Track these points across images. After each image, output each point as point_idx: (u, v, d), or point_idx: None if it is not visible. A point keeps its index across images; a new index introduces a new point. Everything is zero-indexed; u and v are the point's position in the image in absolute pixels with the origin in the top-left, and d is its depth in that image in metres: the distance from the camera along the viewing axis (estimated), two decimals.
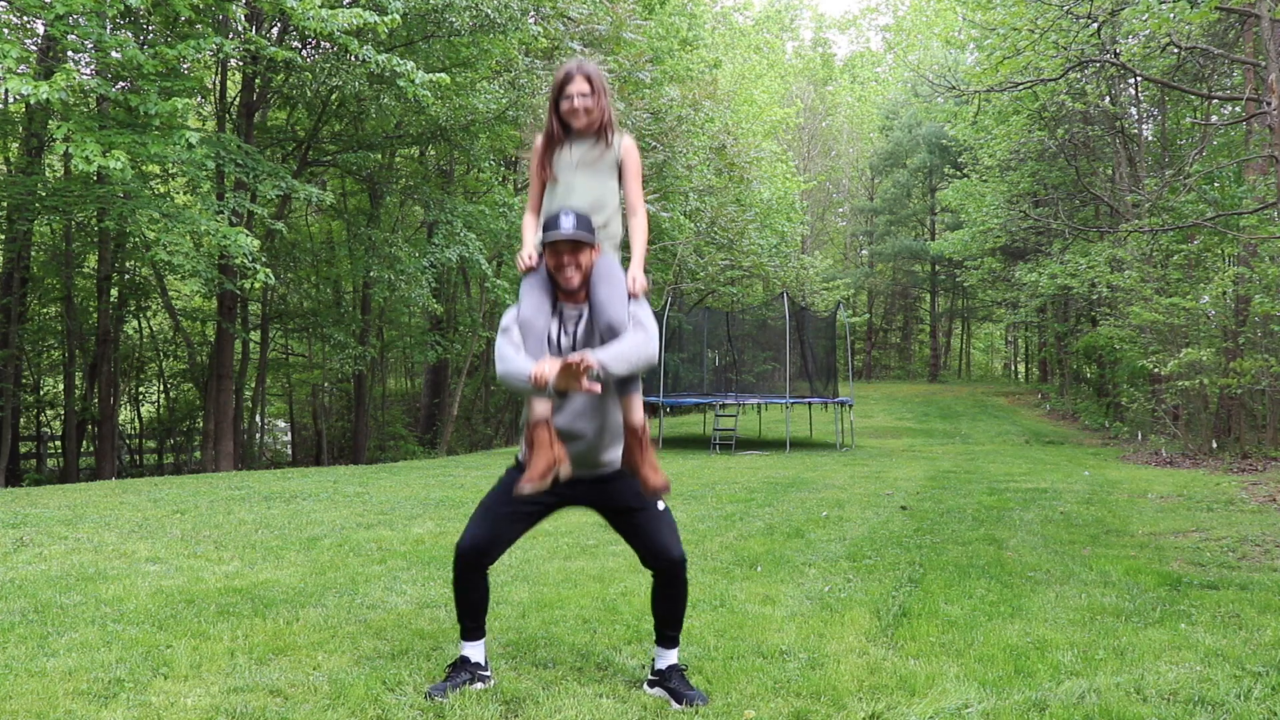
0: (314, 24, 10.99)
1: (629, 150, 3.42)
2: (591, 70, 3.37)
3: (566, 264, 3.20)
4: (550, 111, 3.42)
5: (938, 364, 41.61)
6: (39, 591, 4.68)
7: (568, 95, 3.35)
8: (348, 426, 23.12)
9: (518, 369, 3.07)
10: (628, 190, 3.43)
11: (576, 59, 3.48)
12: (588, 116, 3.35)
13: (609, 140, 3.39)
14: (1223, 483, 10.55)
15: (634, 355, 3.09)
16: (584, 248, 3.21)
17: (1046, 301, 26.14)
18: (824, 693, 3.33)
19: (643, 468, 3.24)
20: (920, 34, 46.03)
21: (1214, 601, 4.73)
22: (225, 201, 13.13)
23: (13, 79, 9.37)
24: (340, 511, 7.70)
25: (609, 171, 3.40)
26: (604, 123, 3.37)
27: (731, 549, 6.14)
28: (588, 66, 3.38)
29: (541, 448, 3.17)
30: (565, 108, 3.36)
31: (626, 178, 3.42)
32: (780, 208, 27.92)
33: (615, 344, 3.10)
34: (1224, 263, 16.33)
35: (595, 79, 3.36)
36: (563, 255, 3.20)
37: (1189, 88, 13.80)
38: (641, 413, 3.28)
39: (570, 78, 3.35)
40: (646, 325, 3.19)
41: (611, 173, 3.41)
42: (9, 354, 16.21)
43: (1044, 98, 16.99)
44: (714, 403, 18.37)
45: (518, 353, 3.14)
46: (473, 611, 3.39)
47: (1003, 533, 6.91)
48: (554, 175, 3.42)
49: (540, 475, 3.14)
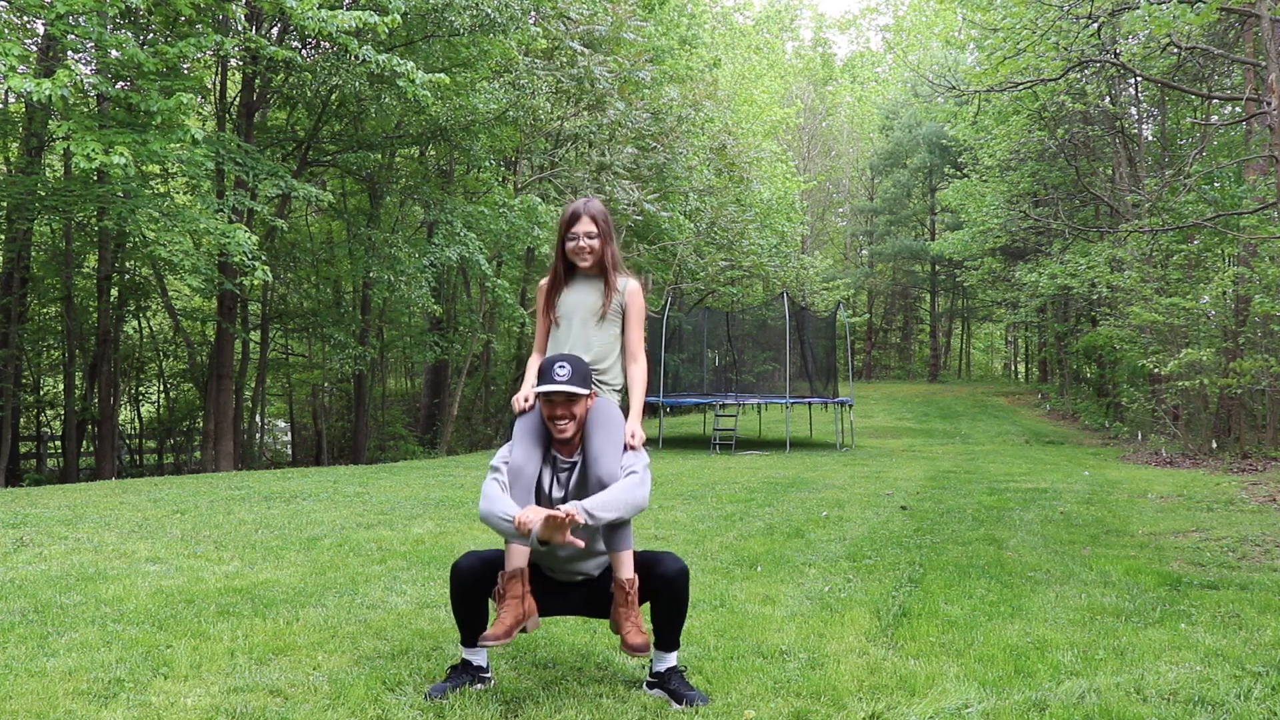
0: (313, 24, 10.99)
1: (634, 295, 3.42)
2: (597, 211, 3.40)
3: (560, 415, 3.21)
4: (557, 251, 3.45)
5: (938, 364, 41.61)
6: (39, 591, 4.68)
7: (573, 235, 3.38)
8: (348, 426, 23.12)
9: (502, 510, 3.05)
10: (628, 335, 3.44)
11: (583, 199, 3.50)
12: (593, 257, 3.38)
13: (614, 284, 3.40)
14: (1223, 483, 10.55)
15: (622, 502, 3.07)
16: (579, 399, 3.21)
17: (1046, 301, 26.15)
18: (824, 693, 3.33)
19: (624, 625, 3.21)
20: (920, 34, 46.05)
21: (1214, 601, 4.73)
22: (225, 200, 13.13)
23: (14, 77, 9.37)
24: (340, 511, 7.70)
25: (613, 319, 3.42)
26: (609, 265, 3.40)
27: (731, 549, 6.14)
28: (594, 207, 3.41)
29: (512, 601, 3.18)
30: (571, 247, 3.39)
31: (629, 322, 3.43)
32: (780, 208, 27.92)
33: (604, 492, 3.09)
34: (1224, 263, 16.34)
35: (600, 220, 3.39)
36: (557, 408, 3.20)
37: (1189, 88, 13.80)
38: (631, 570, 3.24)
39: (577, 217, 3.38)
40: (639, 472, 3.18)
41: (615, 320, 3.42)
42: (9, 354, 16.21)
43: (1044, 98, 16.98)
44: (714, 403, 18.37)
45: (504, 493, 3.13)
46: (473, 620, 3.39)
47: (1003, 533, 6.91)
48: (557, 319, 3.44)
49: (506, 631, 3.14)
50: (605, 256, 3.40)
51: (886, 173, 41.06)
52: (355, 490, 9.24)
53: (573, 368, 3.19)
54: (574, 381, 3.17)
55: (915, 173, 38.77)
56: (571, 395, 3.19)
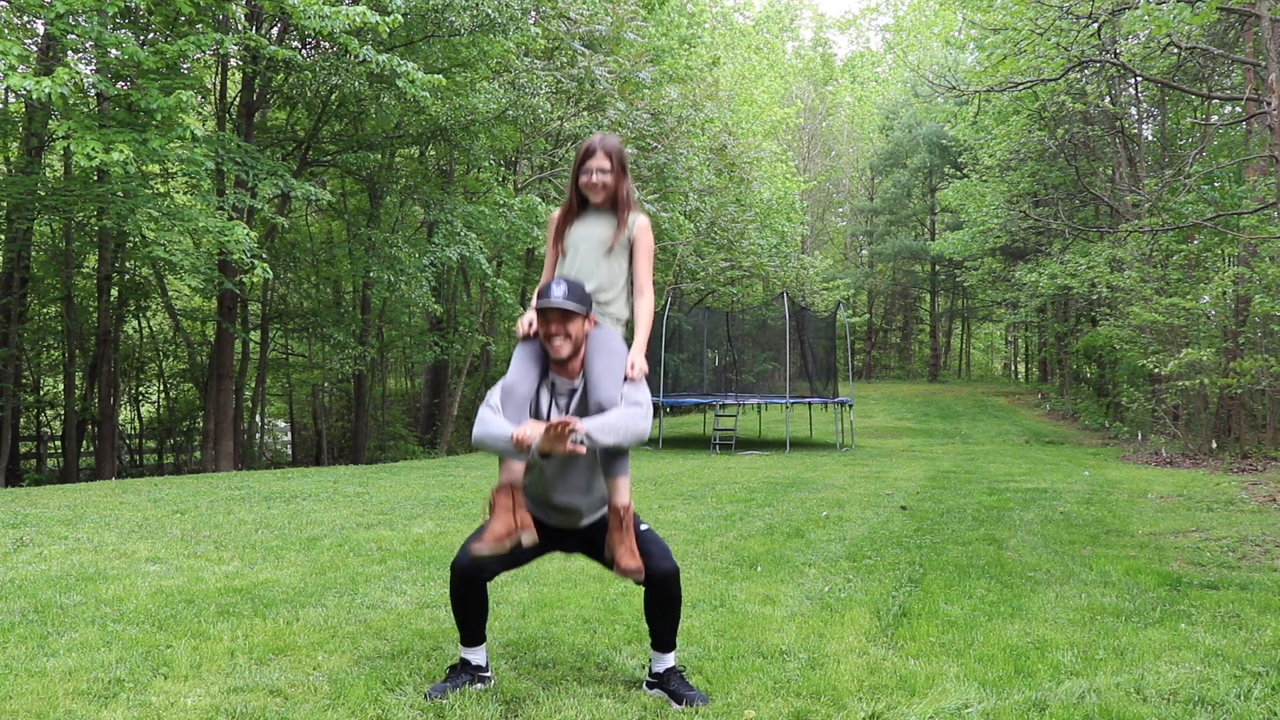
0: (314, 23, 10.99)
1: (643, 230, 3.42)
2: (613, 147, 3.40)
3: (555, 333, 3.19)
4: (571, 184, 3.45)
5: (938, 364, 41.61)
6: (39, 591, 4.68)
7: (587, 169, 3.37)
8: (348, 426, 23.12)
9: (497, 431, 3.06)
10: (637, 269, 3.43)
11: (600, 134, 3.50)
12: (605, 192, 3.38)
13: (625, 220, 3.40)
14: (1223, 483, 10.55)
15: (622, 428, 3.07)
16: (575, 318, 3.18)
17: (1046, 301, 26.15)
18: (824, 693, 3.33)
19: (618, 550, 3.22)
20: (920, 34, 46.05)
21: (1214, 601, 4.73)
22: (225, 198, 13.12)
23: (13, 76, 9.37)
24: (340, 511, 7.70)
25: (621, 251, 3.41)
26: (621, 200, 3.39)
27: (731, 549, 6.14)
28: (610, 142, 3.41)
29: (503, 512, 3.17)
30: (584, 181, 3.38)
31: (637, 256, 3.42)
32: (780, 208, 27.93)
33: (605, 415, 3.09)
34: (1224, 263, 16.34)
35: (616, 156, 3.38)
36: (552, 324, 3.18)
37: (1189, 88, 13.79)
38: (627, 495, 3.25)
39: (592, 152, 3.38)
40: (640, 401, 3.17)
41: (623, 253, 3.42)
42: (9, 354, 16.20)
43: (1044, 98, 16.98)
44: (714, 403, 18.37)
45: (496, 415, 3.13)
46: (472, 620, 3.39)
47: (1003, 533, 6.91)
48: (565, 249, 3.44)
49: (498, 539, 3.14)
50: (618, 192, 3.39)
51: (886, 173, 41.06)
52: (355, 490, 9.24)
53: (569, 287, 3.18)
54: (570, 299, 3.15)
55: (915, 173, 38.77)
56: (566, 312, 3.15)
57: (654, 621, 3.36)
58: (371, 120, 16.16)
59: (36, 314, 18.61)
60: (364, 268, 16.93)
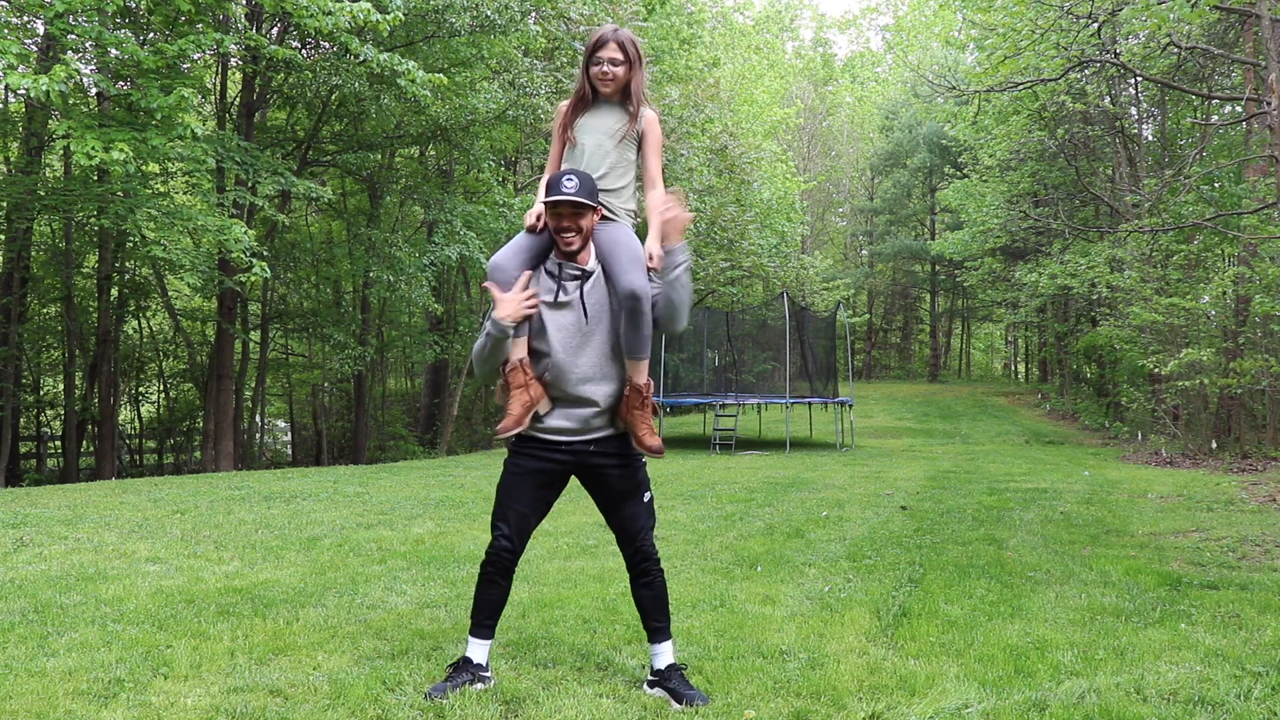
0: (315, 21, 10.98)
1: (651, 123, 3.39)
2: (626, 38, 3.35)
3: (567, 227, 3.18)
4: (582, 73, 3.39)
5: (938, 364, 41.61)
6: (39, 591, 4.68)
7: (599, 60, 3.33)
8: (348, 426, 23.12)
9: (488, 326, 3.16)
10: (646, 163, 3.41)
11: (614, 25, 3.46)
12: (616, 83, 3.33)
13: (635, 112, 3.36)
14: (1223, 483, 10.55)
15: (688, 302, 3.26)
16: (585, 211, 3.17)
17: (1046, 301, 26.14)
18: (824, 693, 3.33)
19: (639, 427, 3.25)
20: (920, 34, 46.05)
21: (1214, 601, 4.73)
22: (226, 195, 13.12)
23: (12, 75, 9.36)
24: (340, 511, 7.70)
25: (630, 144, 3.38)
26: (632, 93, 3.35)
27: (731, 549, 6.14)
28: (623, 34, 3.36)
29: (518, 389, 3.18)
30: (595, 72, 3.34)
31: (646, 150, 3.40)
32: (780, 208, 27.91)
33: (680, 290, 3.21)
34: (1224, 263, 16.34)
35: (629, 48, 3.34)
36: (564, 219, 3.17)
37: (1189, 88, 13.79)
38: (646, 375, 3.28)
39: (604, 43, 3.33)
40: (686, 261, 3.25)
41: (631, 145, 3.39)
42: (9, 354, 16.20)
43: (1044, 98, 16.97)
44: (714, 403, 18.37)
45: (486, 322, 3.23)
46: (490, 609, 3.39)
47: (1003, 533, 6.91)
48: (574, 138, 3.39)
49: (518, 418, 3.16)
50: (630, 84, 3.35)
51: (886, 173, 41.06)
52: (355, 490, 9.24)
53: (580, 181, 3.16)
54: (581, 193, 3.14)
55: (915, 173, 38.76)
56: (578, 206, 3.15)
57: (643, 605, 3.41)
58: (371, 120, 16.16)
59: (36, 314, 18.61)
60: (364, 267, 16.93)
